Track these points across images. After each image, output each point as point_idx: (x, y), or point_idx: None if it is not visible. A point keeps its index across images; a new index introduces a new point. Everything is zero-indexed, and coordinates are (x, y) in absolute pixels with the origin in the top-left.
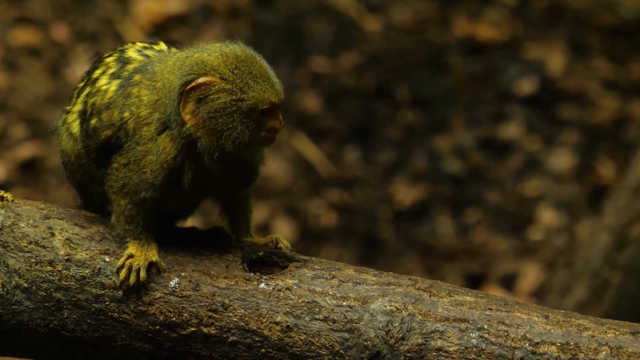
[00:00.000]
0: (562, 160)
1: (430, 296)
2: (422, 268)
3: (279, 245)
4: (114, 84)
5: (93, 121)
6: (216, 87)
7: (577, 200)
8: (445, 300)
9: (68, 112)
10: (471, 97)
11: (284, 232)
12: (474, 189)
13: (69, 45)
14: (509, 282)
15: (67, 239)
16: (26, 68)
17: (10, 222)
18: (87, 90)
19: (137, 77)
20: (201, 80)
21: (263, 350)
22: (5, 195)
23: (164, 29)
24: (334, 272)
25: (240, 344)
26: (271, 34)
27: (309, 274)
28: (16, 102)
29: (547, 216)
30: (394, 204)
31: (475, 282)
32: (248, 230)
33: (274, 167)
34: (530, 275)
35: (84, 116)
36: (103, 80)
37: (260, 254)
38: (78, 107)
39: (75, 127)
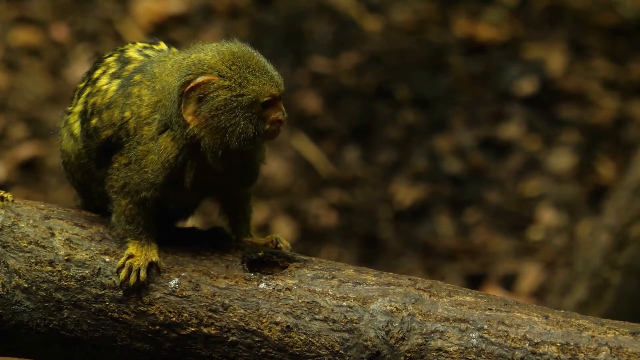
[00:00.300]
0: (562, 160)
1: (430, 296)
2: (422, 268)
3: (279, 245)
4: (115, 84)
5: (94, 121)
6: (215, 84)
7: (577, 200)
8: (445, 300)
9: (69, 113)
10: (471, 97)
11: (284, 232)
12: (474, 189)
13: (69, 45)
14: (509, 282)
15: (67, 239)
16: (26, 68)
17: (10, 222)
18: (88, 90)
19: (137, 77)
20: (200, 79)
21: (263, 350)
22: (5, 195)
23: (164, 29)
24: (334, 272)
25: (240, 344)
26: (271, 34)
27: (309, 274)
28: (16, 102)
29: (547, 216)
30: (394, 204)
31: (475, 282)
32: (248, 230)
33: (274, 167)
34: (530, 275)
35: (85, 116)
36: (103, 80)
37: (260, 254)
38: (79, 107)
39: (77, 127)
